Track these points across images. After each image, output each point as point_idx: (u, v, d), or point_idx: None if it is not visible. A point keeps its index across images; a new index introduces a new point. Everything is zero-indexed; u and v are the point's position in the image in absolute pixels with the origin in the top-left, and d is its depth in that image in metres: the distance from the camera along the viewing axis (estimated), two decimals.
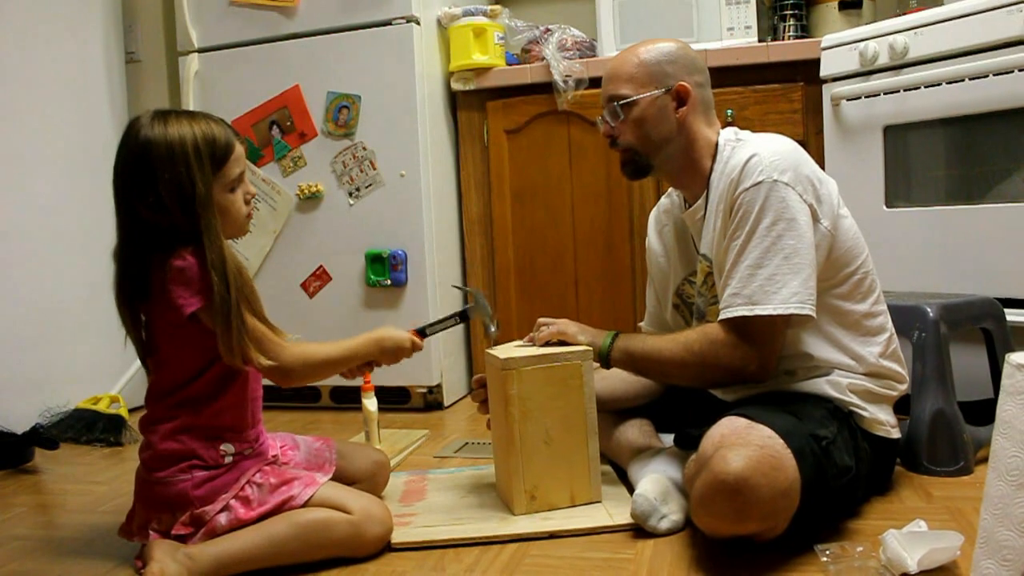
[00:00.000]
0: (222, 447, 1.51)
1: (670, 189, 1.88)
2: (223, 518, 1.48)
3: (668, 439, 1.88)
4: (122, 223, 1.51)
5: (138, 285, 1.51)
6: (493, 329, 1.83)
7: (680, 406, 1.86)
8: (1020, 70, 2.00)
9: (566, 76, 2.77)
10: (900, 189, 2.32)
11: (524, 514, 1.65)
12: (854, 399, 1.59)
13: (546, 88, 2.82)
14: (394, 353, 1.69)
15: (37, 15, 2.72)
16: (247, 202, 1.57)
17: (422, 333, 1.75)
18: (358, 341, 1.65)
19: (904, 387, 1.69)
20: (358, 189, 2.78)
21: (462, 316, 1.85)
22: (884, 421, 1.62)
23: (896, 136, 2.30)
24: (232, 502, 1.49)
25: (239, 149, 1.53)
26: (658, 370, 1.67)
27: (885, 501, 1.67)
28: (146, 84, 3.26)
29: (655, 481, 1.59)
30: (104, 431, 2.55)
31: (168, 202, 1.44)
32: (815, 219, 1.55)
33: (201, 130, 1.48)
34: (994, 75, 2.05)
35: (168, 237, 1.46)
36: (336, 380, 2.73)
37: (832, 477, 1.45)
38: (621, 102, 1.69)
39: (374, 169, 2.76)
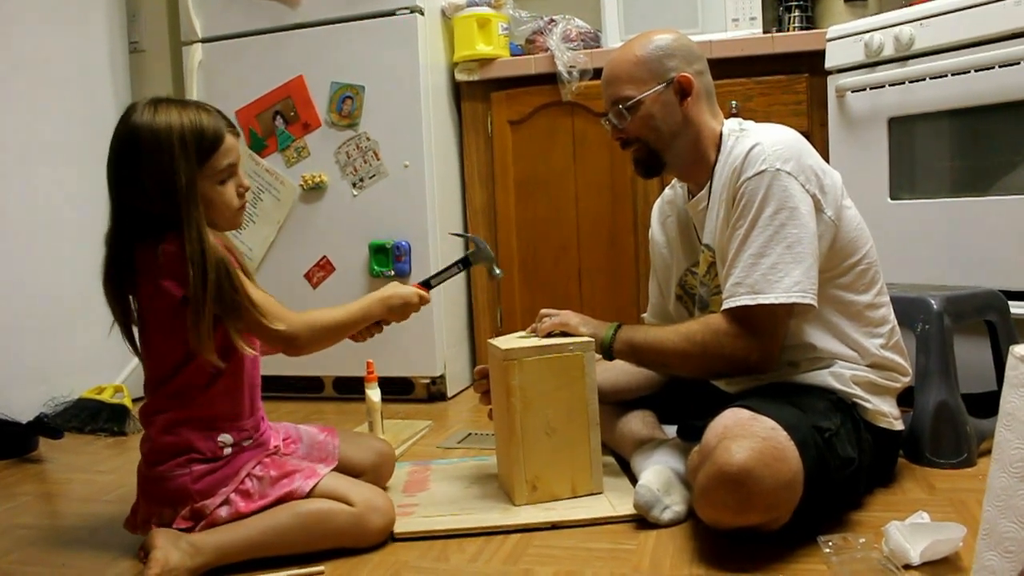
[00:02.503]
0: (220, 438, 1.51)
1: (674, 180, 1.88)
2: (223, 511, 1.48)
3: (671, 430, 1.88)
4: (113, 209, 1.51)
5: (127, 272, 1.50)
6: (497, 272, 1.83)
7: (683, 398, 1.86)
8: None
9: (570, 67, 2.77)
10: (904, 181, 2.32)
11: (525, 504, 1.65)
12: (857, 391, 1.59)
13: (550, 79, 2.81)
14: (402, 310, 1.69)
15: (41, 5, 2.72)
16: (240, 195, 1.55)
17: (427, 285, 1.75)
18: (365, 302, 1.65)
19: (907, 379, 1.69)
20: (362, 180, 2.78)
21: (464, 263, 1.85)
22: (887, 413, 1.62)
23: (901, 128, 2.30)
24: (232, 495, 1.49)
25: (230, 141, 1.51)
26: (660, 361, 1.67)
27: (888, 493, 1.67)
28: (150, 74, 3.25)
29: (658, 472, 1.60)
30: (108, 421, 2.55)
31: (151, 191, 1.44)
32: (818, 209, 1.55)
33: (190, 119, 1.46)
34: (1000, 66, 2.04)
35: (156, 224, 1.46)
36: (339, 370, 2.77)
37: (835, 469, 1.45)
38: (626, 104, 1.68)
39: (378, 160, 2.76)
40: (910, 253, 2.25)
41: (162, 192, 1.43)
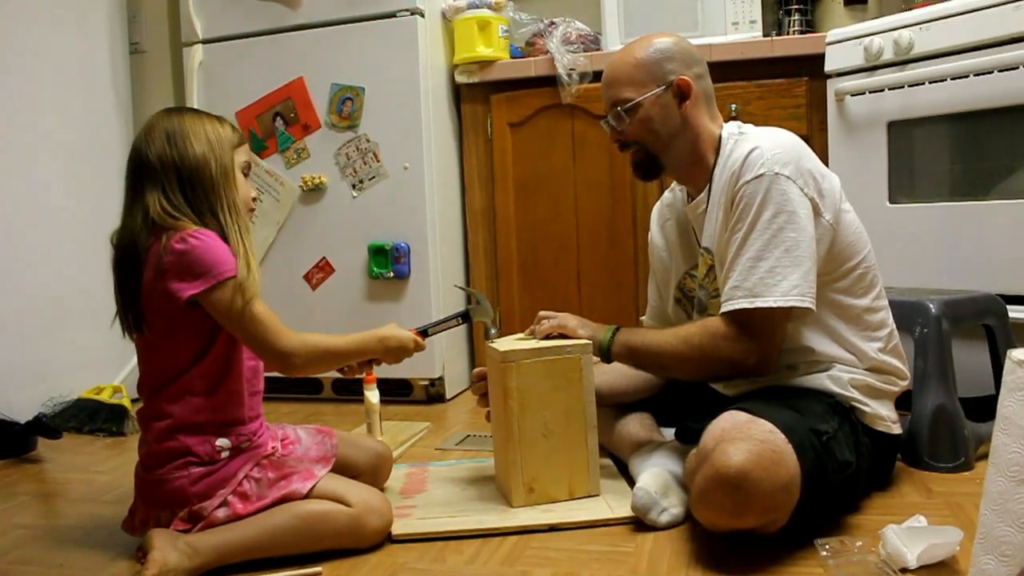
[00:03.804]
0: (218, 442, 1.51)
1: (673, 183, 1.88)
2: (221, 513, 1.48)
3: (669, 433, 1.88)
4: (128, 205, 1.52)
5: (135, 272, 1.50)
6: (493, 332, 1.83)
7: (681, 400, 1.86)
8: None
9: (570, 69, 2.77)
10: (903, 185, 2.32)
11: (522, 506, 1.65)
12: (855, 394, 1.59)
13: (550, 81, 2.82)
14: (396, 352, 1.69)
15: (41, 5, 2.72)
16: (252, 198, 1.61)
17: (424, 333, 1.76)
18: (362, 337, 1.65)
19: (905, 383, 1.69)
20: (361, 181, 2.78)
21: (464, 317, 1.85)
22: (885, 416, 1.62)
23: (900, 132, 2.30)
24: (230, 497, 1.49)
25: (248, 147, 1.62)
26: (658, 364, 1.67)
27: (885, 496, 1.67)
28: (150, 75, 3.26)
29: (656, 475, 1.60)
30: (106, 421, 2.55)
31: (199, 162, 1.49)
32: (817, 213, 1.55)
33: (216, 118, 1.57)
34: (999, 71, 2.04)
35: (172, 217, 1.47)
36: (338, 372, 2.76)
37: (832, 472, 1.45)
38: (624, 106, 1.68)
39: (377, 161, 2.76)
40: (909, 257, 2.25)
41: (210, 160, 1.50)
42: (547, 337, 1.70)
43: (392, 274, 2.75)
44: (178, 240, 1.45)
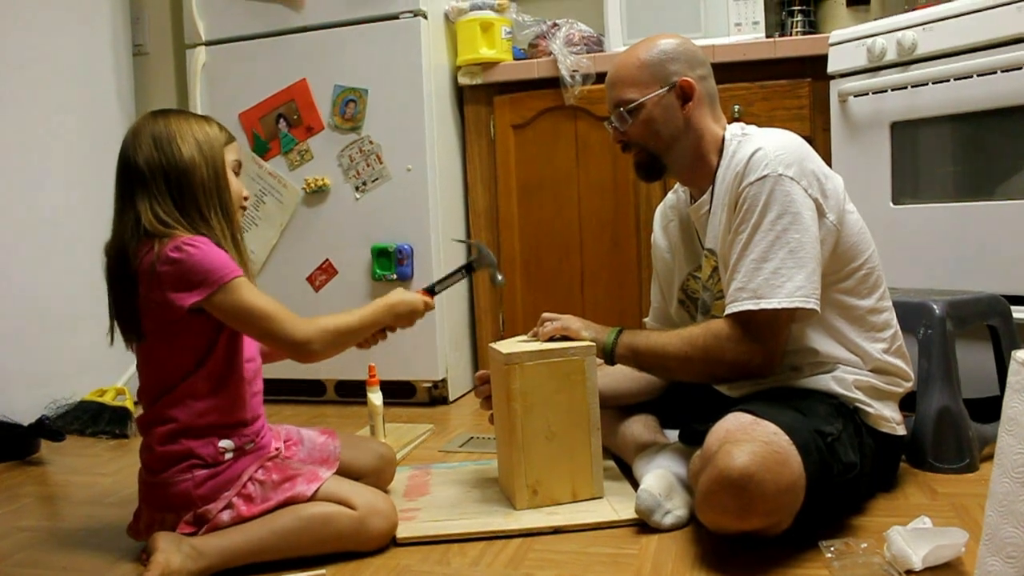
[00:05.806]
0: (221, 444, 1.51)
1: (676, 185, 1.88)
2: (226, 515, 1.48)
3: (673, 435, 1.88)
4: (119, 212, 1.52)
5: (129, 281, 1.49)
6: (499, 278, 1.83)
7: (685, 402, 1.86)
8: None
9: (573, 71, 2.77)
10: (907, 186, 2.31)
11: (526, 509, 1.65)
12: (859, 395, 1.59)
13: (553, 83, 2.81)
14: (408, 316, 1.70)
15: (44, 7, 2.73)
16: (243, 196, 1.61)
17: (431, 291, 1.76)
18: (372, 308, 1.65)
19: (909, 384, 1.69)
20: (364, 183, 2.78)
21: (468, 268, 1.86)
22: (889, 418, 1.62)
23: (903, 132, 2.30)
24: (234, 499, 1.49)
25: (237, 145, 1.60)
26: (662, 365, 1.67)
27: (890, 498, 1.67)
28: (153, 77, 3.26)
29: (660, 476, 1.59)
30: (109, 423, 2.56)
31: (194, 162, 1.49)
32: (821, 214, 1.55)
33: (204, 119, 1.57)
34: (1002, 71, 2.04)
35: (170, 225, 1.47)
36: (341, 374, 2.77)
37: (837, 473, 1.45)
38: (627, 107, 1.68)
39: (380, 163, 2.76)
40: (912, 258, 2.25)
41: (199, 162, 1.49)
42: (551, 339, 1.70)
43: (395, 276, 2.74)
44: (173, 249, 1.44)
